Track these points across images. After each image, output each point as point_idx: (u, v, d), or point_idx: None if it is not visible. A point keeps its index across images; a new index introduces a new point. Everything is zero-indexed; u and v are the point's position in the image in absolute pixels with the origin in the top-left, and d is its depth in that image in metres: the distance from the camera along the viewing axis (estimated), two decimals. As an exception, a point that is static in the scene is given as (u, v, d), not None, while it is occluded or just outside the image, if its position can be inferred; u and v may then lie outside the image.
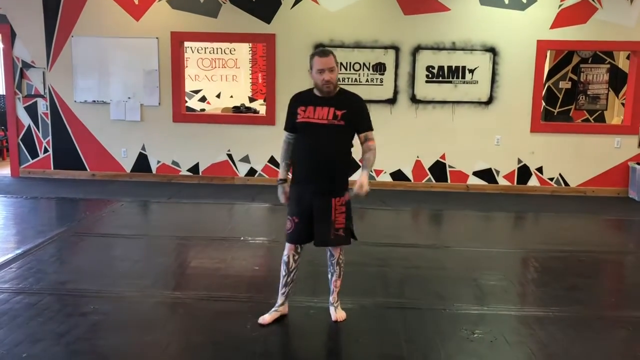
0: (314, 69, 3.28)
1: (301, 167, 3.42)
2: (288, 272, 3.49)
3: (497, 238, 5.71)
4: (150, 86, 7.85)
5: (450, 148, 7.77)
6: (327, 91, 3.29)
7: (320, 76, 3.25)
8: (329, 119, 3.28)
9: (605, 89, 8.99)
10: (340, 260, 3.53)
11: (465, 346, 3.25)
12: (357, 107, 3.39)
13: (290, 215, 3.43)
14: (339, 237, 3.41)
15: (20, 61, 7.92)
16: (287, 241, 3.47)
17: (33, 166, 8.15)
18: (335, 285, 3.56)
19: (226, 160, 7.98)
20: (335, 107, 3.29)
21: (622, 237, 6.09)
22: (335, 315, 3.54)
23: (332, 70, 3.25)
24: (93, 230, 5.54)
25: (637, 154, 7.66)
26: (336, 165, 3.37)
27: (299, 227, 3.39)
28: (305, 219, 3.38)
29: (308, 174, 3.37)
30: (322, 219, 3.36)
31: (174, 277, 4.31)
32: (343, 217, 3.41)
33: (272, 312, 3.51)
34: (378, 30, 7.57)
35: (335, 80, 3.30)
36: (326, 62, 3.25)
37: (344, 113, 3.29)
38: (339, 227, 3.39)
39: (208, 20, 7.67)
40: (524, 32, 7.47)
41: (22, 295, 3.82)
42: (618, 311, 3.84)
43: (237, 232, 5.52)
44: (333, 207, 3.36)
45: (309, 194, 3.35)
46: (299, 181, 3.42)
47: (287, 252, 3.48)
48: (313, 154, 3.33)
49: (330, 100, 3.32)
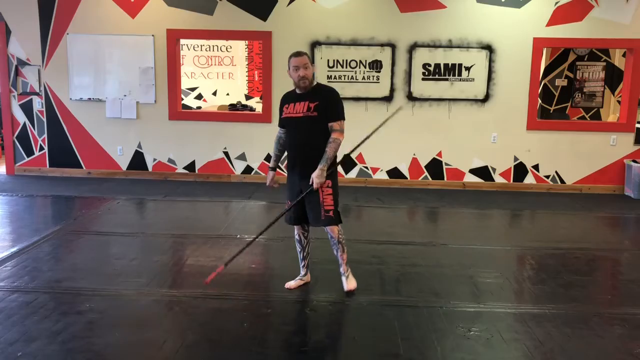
0: (291, 68, 3.70)
1: (289, 157, 3.90)
2: (302, 248, 4.01)
3: (494, 235, 5.72)
4: (146, 84, 7.83)
5: (446, 146, 7.77)
6: (303, 86, 3.71)
7: (296, 73, 3.68)
8: (304, 111, 3.71)
9: (601, 86, 9.00)
10: (341, 239, 3.86)
11: (461, 343, 3.25)
12: (328, 97, 3.75)
13: (287, 200, 3.93)
14: (329, 217, 3.77)
15: (16, 58, 7.89)
16: (287, 222, 3.96)
17: (28, 164, 8.12)
18: (342, 258, 3.89)
19: (222, 158, 7.97)
20: (309, 100, 3.71)
21: (618, 235, 6.10)
22: (347, 285, 3.88)
23: (306, 67, 3.66)
24: (89, 229, 5.52)
25: (633, 152, 7.68)
26: (316, 152, 3.70)
27: (295, 210, 3.86)
28: (297, 203, 3.82)
29: (294, 163, 3.83)
30: (312, 202, 3.76)
31: (170, 275, 4.30)
32: (330, 198, 3.77)
33: (297, 279, 4.03)
34: (374, 28, 7.56)
35: (311, 76, 3.70)
36: (300, 60, 3.67)
37: (317, 104, 3.69)
38: (328, 208, 3.76)
39: (204, 17, 7.65)
40: (520, 29, 7.47)
41: (17, 294, 3.81)
42: (614, 308, 3.85)
43: (234, 230, 5.51)
44: (320, 190, 3.73)
45: (298, 181, 3.80)
46: (290, 170, 3.88)
47: (296, 232, 4.00)
48: (296, 144, 3.81)
49: (307, 95, 3.74)
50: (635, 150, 7.67)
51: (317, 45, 7.60)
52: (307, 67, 3.67)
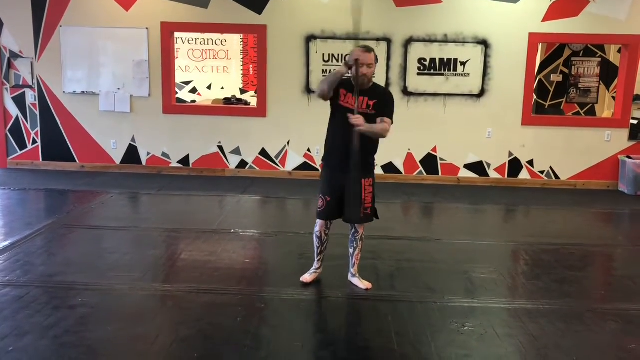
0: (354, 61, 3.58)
1: (333, 149, 3.78)
2: (322, 244, 3.93)
3: (488, 231, 5.72)
4: (140, 77, 7.78)
5: (441, 141, 7.76)
6: (361, 83, 3.63)
7: (359, 68, 3.59)
8: (362, 107, 3.66)
9: (596, 82, 9.01)
10: (363, 236, 3.95)
11: (455, 339, 3.25)
12: (387, 98, 3.76)
13: (322, 195, 3.82)
14: (367, 215, 3.84)
15: (8, 51, 7.81)
16: (320, 218, 3.86)
17: (21, 157, 8.06)
18: (357, 258, 3.96)
19: (217, 152, 7.93)
20: (368, 97, 3.68)
21: (612, 230, 6.12)
22: (363, 284, 3.92)
23: (370, 66, 3.63)
24: (82, 223, 5.49)
25: (627, 148, 7.69)
26: (365, 150, 3.70)
27: (331, 205, 3.79)
28: (336, 198, 3.77)
29: (341, 157, 3.70)
30: (354, 199, 3.73)
31: (164, 269, 4.28)
32: (371, 197, 3.84)
33: (311, 272, 4.00)
34: (370, 22, 7.52)
35: (371, 75, 3.68)
36: (367, 57, 3.62)
37: (375, 103, 3.68)
38: (367, 206, 3.82)
39: (199, 10, 7.60)
40: (516, 24, 7.46)
41: (9, 288, 3.78)
42: (608, 304, 3.86)
43: (228, 225, 5.48)
44: (363, 187, 3.76)
45: (340, 175, 3.72)
46: (332, 163, 3.80)
47: (319, 229, 3.89)
48: (347, 138, 3.63)
49: (365, 91, 3.68)
50: (630, 146, 7.68)
51: (312, 39, 7.56)
52: (371, 67, 3.64)
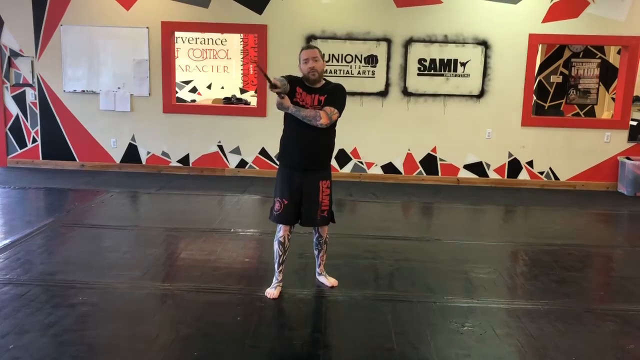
0: (301, 61, 3.62)
1: (289, 149, 3.68)
2: (284, 251, 3.77)
3: (487, 231, 5.73)
4: (140, 76, 7.78)
5: (441, 141, 7.77)
6: (312, 79, 3.60)
7: (306, 65, 3.59)
8: (314, 104, 3.60)
9: (596, 83, 9.02)
10: (327, 239, 3.91)
11: (454, 339, 3.26)
12: (336, 89, 3.68)
13: (280, 198, 3.67)
14: (324, 217, 3.74)
15: (8, 49, 7.82)
16: (279, 222, 3.71)
17: (21, 156, 8.07)
18: (322, 258, 3.95)
19: (217, 152, 7.94)
20: (319, 94, 3.62)
21: (611, 231, 6.12)
22: (329, 282, 3.95)
23: (315, 59, 3.57)
24: (82, 221, 5.49)
25: (626, 149, 7.70)
26: (322, 148, 3.67)
27: (289, 208, 3.66)
28: (294, 201, 3.66)
29: (296, 156, 3.63)
30: (311, 201, 3.66)
31: (164, 268, 4.28)
32: (328, 199, 3.73)
33: (276, 286, 3.80)
34: (370, 22, 7.54)
35: (320, 69, 3.60)
36: (310, 53, 3.60)
37: (326, 98, 3.61)
38: (324, 208, 3.71)
39: (199, 10, 7.61)
40: (516, 25, 7.47)
41: (9, 286, 3.79)
42: (606, 304, 3.86)
43: (227, 224, 5.49)
44: (320, 189, 3.67)
45: (298, 176, 3.64)
46: (288, 163, 3.68)
47: (282, 234, 3.73)
48: (301, 137, 3.60)
49: (317, 89, 3.65)
50: (629, 147, 7.70)
51: (312, 39, 7.57)
52: (317, 60, 3.57)
